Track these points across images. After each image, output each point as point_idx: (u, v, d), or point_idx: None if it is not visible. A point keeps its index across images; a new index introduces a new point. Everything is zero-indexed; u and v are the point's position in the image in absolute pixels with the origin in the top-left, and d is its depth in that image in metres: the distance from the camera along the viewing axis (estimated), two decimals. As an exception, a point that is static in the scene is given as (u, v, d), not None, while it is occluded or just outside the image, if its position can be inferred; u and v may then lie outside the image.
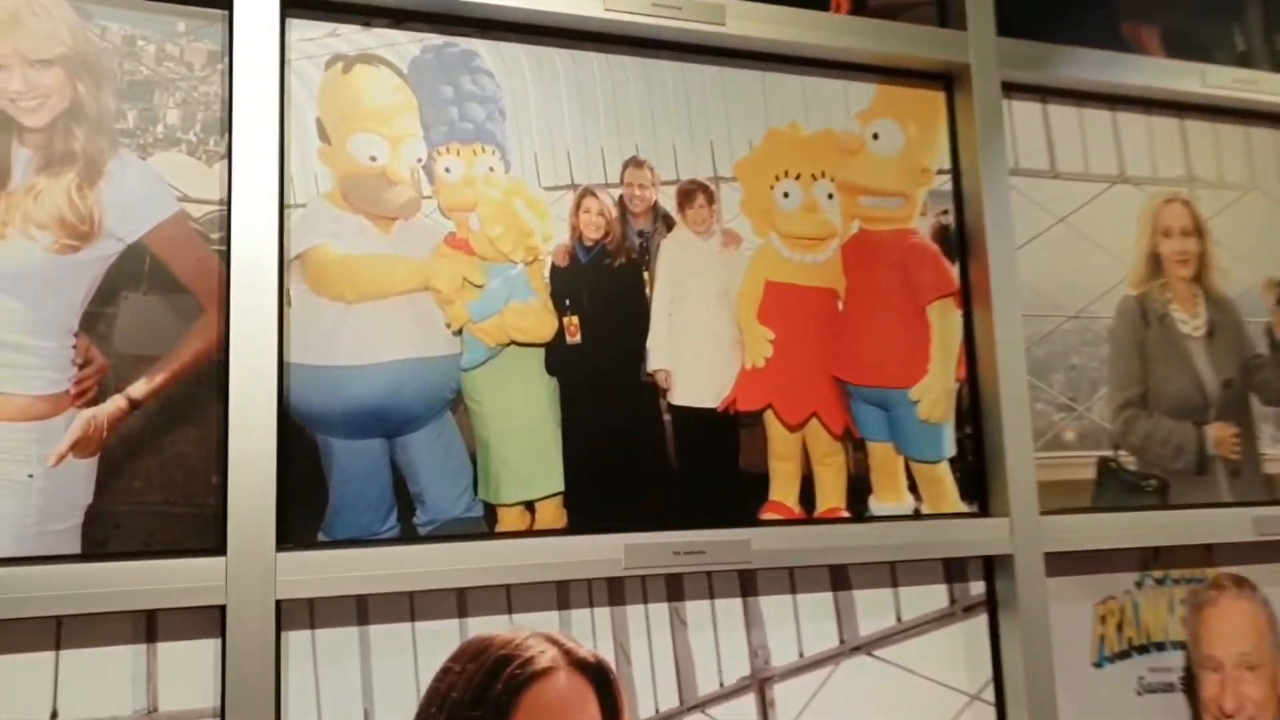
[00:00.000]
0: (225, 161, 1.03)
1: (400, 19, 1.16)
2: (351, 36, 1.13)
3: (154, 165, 1.03)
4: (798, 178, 1.31)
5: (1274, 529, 1.40)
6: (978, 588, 1.29)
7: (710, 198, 1.26)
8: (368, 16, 1.14)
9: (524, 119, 1.18)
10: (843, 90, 1.36)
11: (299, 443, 1.05)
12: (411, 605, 1.07)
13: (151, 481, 0.99)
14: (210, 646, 0.98)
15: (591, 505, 1.14)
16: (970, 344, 1.35)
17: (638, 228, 1.22)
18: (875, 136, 1.37)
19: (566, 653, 1.08)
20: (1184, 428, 1.46)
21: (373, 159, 1.11)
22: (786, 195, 1.30)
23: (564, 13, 1.18)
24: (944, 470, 1.31)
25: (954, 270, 1.36)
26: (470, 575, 1.05)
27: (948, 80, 1.41)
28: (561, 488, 1.13)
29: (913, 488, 1.29)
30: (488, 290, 1.13)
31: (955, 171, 1.39)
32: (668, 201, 1.24)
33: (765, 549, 1.15)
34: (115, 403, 0.99)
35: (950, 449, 1.31)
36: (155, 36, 1.06)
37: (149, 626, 0.99)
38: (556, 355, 1.16)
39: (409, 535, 1.07)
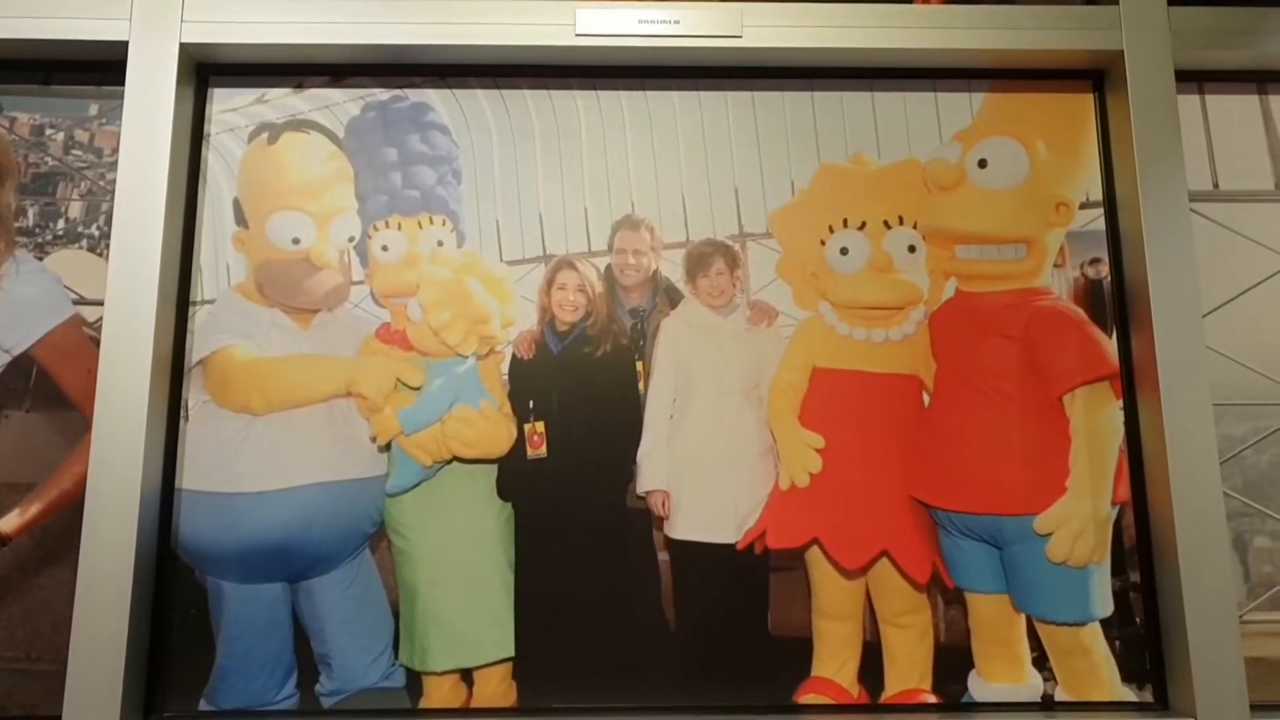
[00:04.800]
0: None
1: (339, 75, 1.01)
2: (281, 101, 1.01)
3: (51, 265, 0.96)
4: (862, 227, 1.01)
5: None
6: (1155, 816, 0.88)
7: (732, 261, 1.00)
8: (300, 76, 0.99)
9: (484, 179, 1.00)
10: (931, 105, 1.03)
11: (183, 587, 0.89)
12: None
13: (14, 633, 0.85)
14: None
15: (551, 677, 0.91)
16: (1135, 451, 0.95)
17: (630, 305, 0.98)
18: (982, 164, 1.04)
19: None
20: None
21: (295, 241, 0.97)
22: (845, 252, 1.01)
23: (534, 45, 0.97)
24: (1093, 637, 0.94)
25: (1109, 345, 0.97)
26: None
27: (1096, 77, 1.03)
28: (510, 653, 0.92)
29: (1040, 663, 0.91)
30: (426, 393, 0.94)
31: (1109, 202, 1.01)
32: (672, 270, 0.97)
33: (789, 749, 0.82)
34: (-20, 539, 0.87)
35: (1103, 607, 0.95)
36: (65, 123, 0.97)
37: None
38: (512, 474, 0.95)
39: (309, 708, 0.88)
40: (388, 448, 0.95)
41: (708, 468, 0.97)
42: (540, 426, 0.98)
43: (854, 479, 0.98)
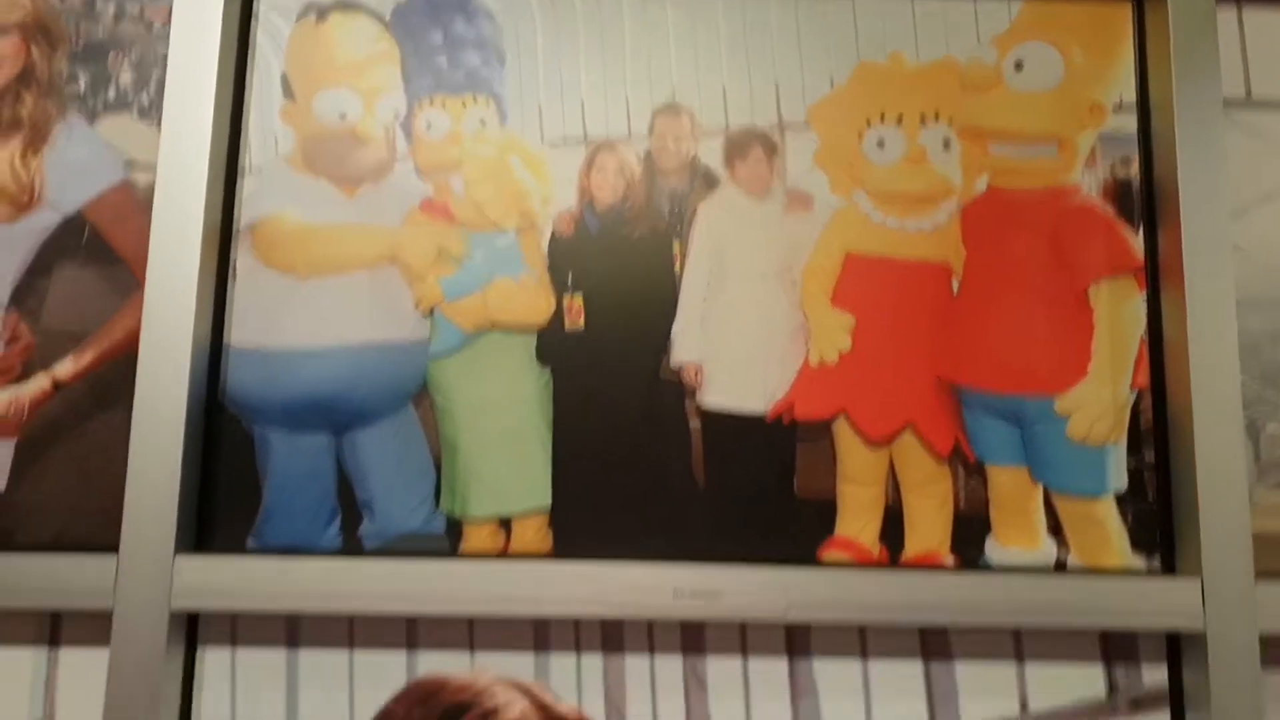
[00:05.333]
0: (164, 122, 1.03)
1: (387, -41, 1.12)
2: (329, -18, 1.10)
3: (102, 130, 1.07)
4: (899, 121, 1.12)
5: None
6: (1155, 676, 1.00)
7: (771, 150, 1.11)
8: (350, -42, 1.11)
9: (528, 62, 1.12)
10: (970, 11, 1.15)
11: (231, 435, 1.02)
12: (351, 631, 1.04)
13: (69, 470, 0.98)
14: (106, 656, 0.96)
15: (585, 528, 1.02)
16: (1156, 341, 1.07)
17: (668, 188, 1.09)
18: (1019, 66, 1.15)
19: (541, 707, 0.98)
20: None
21: (342, 116, 1.08)
22: (881, 144, 1.12)
23: (578, -66, 1.08)
24: (1107, 509, 1.05)
25: (1135, 240, 1.09)
26: (424, 600, 0.99)
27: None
28: (547, 504, 1.02)
29: (1056, 531, 1.02)
30: (468, 263, 1.05)
31: (1142, 106, 1.12)
32: (711, 156, 1.09)
33: (815, 598, 0.95)
34: (39, 383, 0.99)
35: (1118, 481, 1.06)
36: (117, -4, 1.09)
37: (52, 628, 1.03)
38: (552, 343, 1.06)
39: (352, 548, 1.00)
40: (430, 313, 1.07)
41: (740, 343, 1.08)
42: (578, 300, 1.10)
43: (882, 358, 1.09)
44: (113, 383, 1.03)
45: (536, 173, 1.11)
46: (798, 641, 1.03)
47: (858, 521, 1.06)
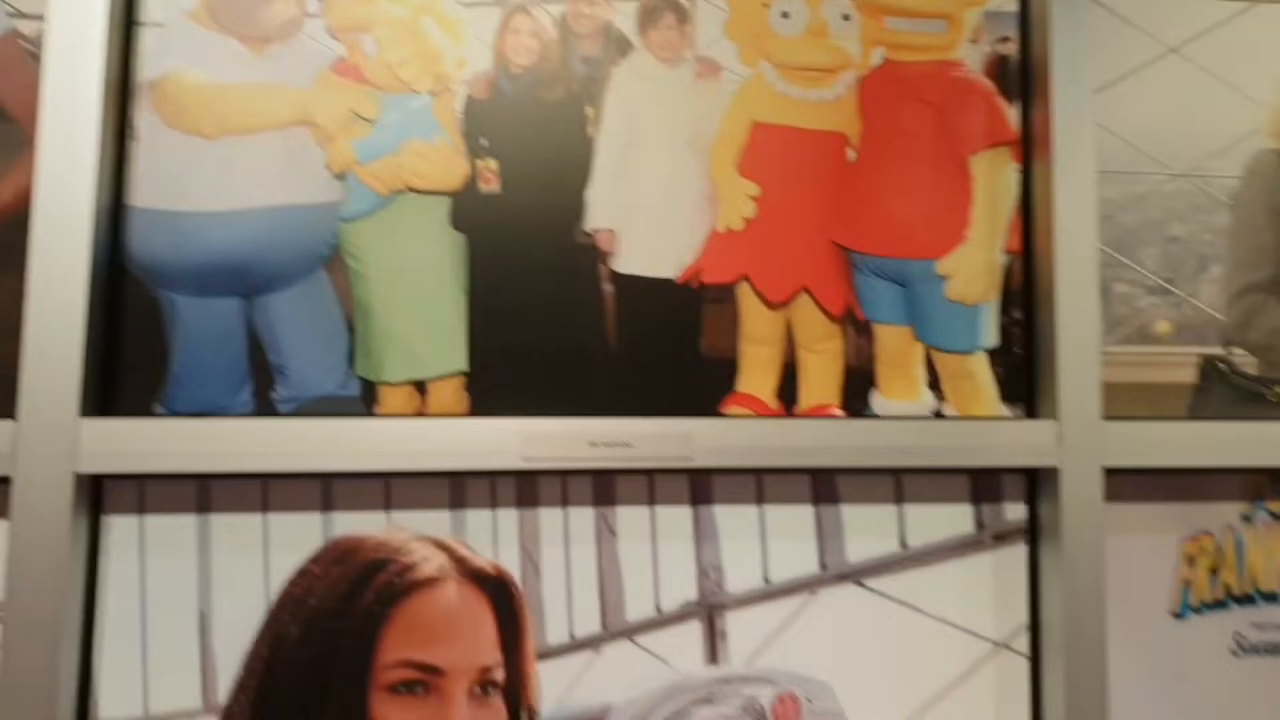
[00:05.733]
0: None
1: None
2: None
3: None
4: None
5: None
6: (1016, 511, 1.11)
7: (682, 16, 1.12)
8: None
9: None
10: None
11: (137, 299, 1.00)
12: (264, 495, 1.05)
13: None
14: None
15: (501, 390, 1.06)
16: (1027, 208, 1.15)
17: (582, 53, 1.09)
18: None
19: (458, 561, 1.01)
20: (1332, 322, 1.22)
21: None
22: (786, 15, 1.15)
23: None
24: (979, 364, 1.14)
25: (1012, 114, 1.16)
26: (340, 458, 1.01)
27: None
28: (464, 367, 1.05)
29: (935, 385, 1.11)
30: (381, 125, 1.05)
31: (1021, -14, 1.18)
32: (625, 22, 1.09)
33: (718, 446, 1.02)
34: (-72, 247, 0.94)
35: (989, 338, 1.15)
36: None
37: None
38: (466, 206, 1.07)
39: (265, 412, 1.02)
40: (342, 176, 1.06)
41: (652, 209, 1.12)
42: (492, 164, 1.10)
43: (783, 224, 1.15)
44: (5, 245, 0.99)
45: (451, 34, 1.09)
46: (700, 491, 1.10)
47: (757, 379, 1.13)
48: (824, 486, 1.13)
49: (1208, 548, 1.21)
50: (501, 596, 1.03)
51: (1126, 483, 1.16)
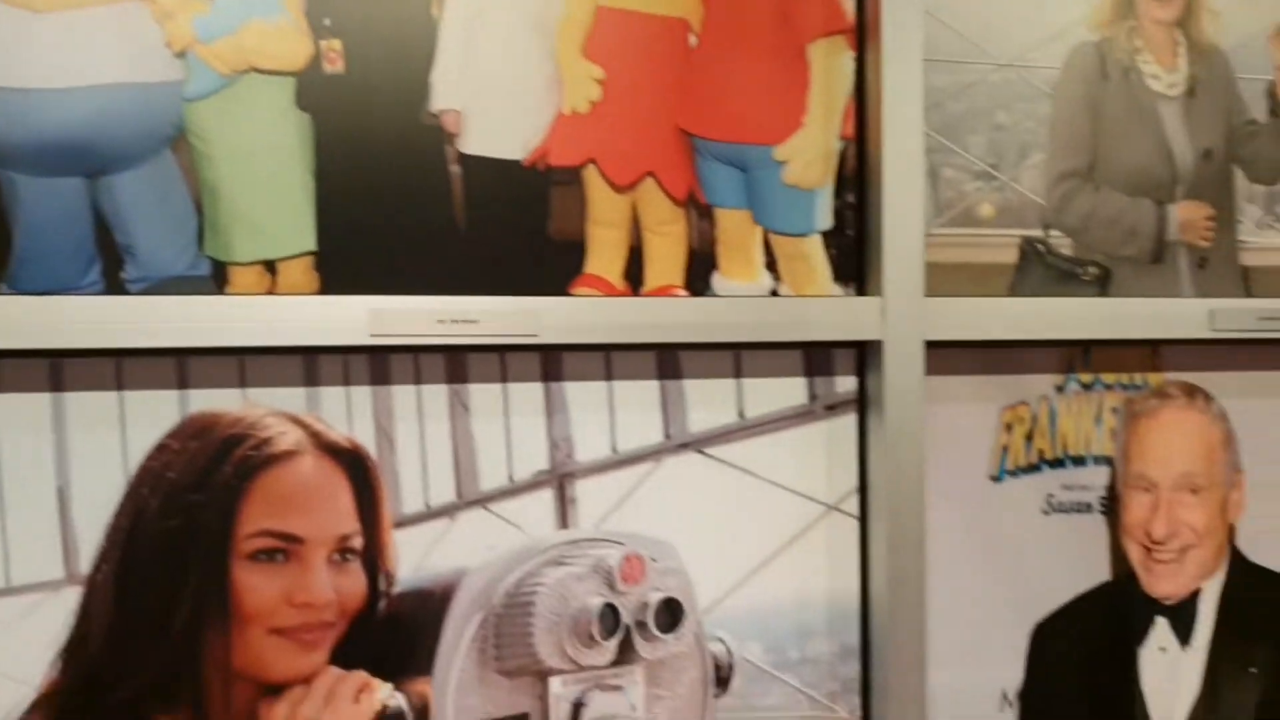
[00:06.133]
0: None
1: None
2: None
3: None
4: None
5: (1235, 325, 1.25)
6: (848, 384, 1.19)
7: None
8: None
9: None
10: None
11: (-28, 180, 0.97)
12: (119, 372, 1.04)
13: None
14: None
15: (351, 269, 1.08)
16: (861, 95, 1.19)
17: None
18: None
19: (314, 435, 1.03)
20: (1141, 206, 1.33)
21: None
22: (630, -103, 1.15)
23: None
24: (813, 246, 1.20)
25: (848, 3, 1.19)
26: (188, 335, 1.02)
27: None
28: (312, 246, 1.06)
29: (772, 266, 1.17)
30: (220, 3, 1.04)
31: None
32: (466, -98, 1.09)
33: (565, 324, 1.06)
34: None
35: (824, 221, 1.21)
36: None
37: None
38: (311, 87, 1.08)
39: (116, 293, 1.00)
40: (183, 55, 1.03)
41: (497, 91, 1.13)
42: (336, 44, 1.09)
43: (628, 108, 1.17)
44: None
45: (287, -90, 1.07)
46: (551, 368, 1.15)
47: (604, 260, 1.17)
48: (668, 363, 1.18)
49: (1024, 416, 1.31)
50: (357, 468, 1.06)
51: (949, 356, 1.25)
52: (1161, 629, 1.32)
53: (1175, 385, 1.34)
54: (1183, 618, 1.32)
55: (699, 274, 1.19)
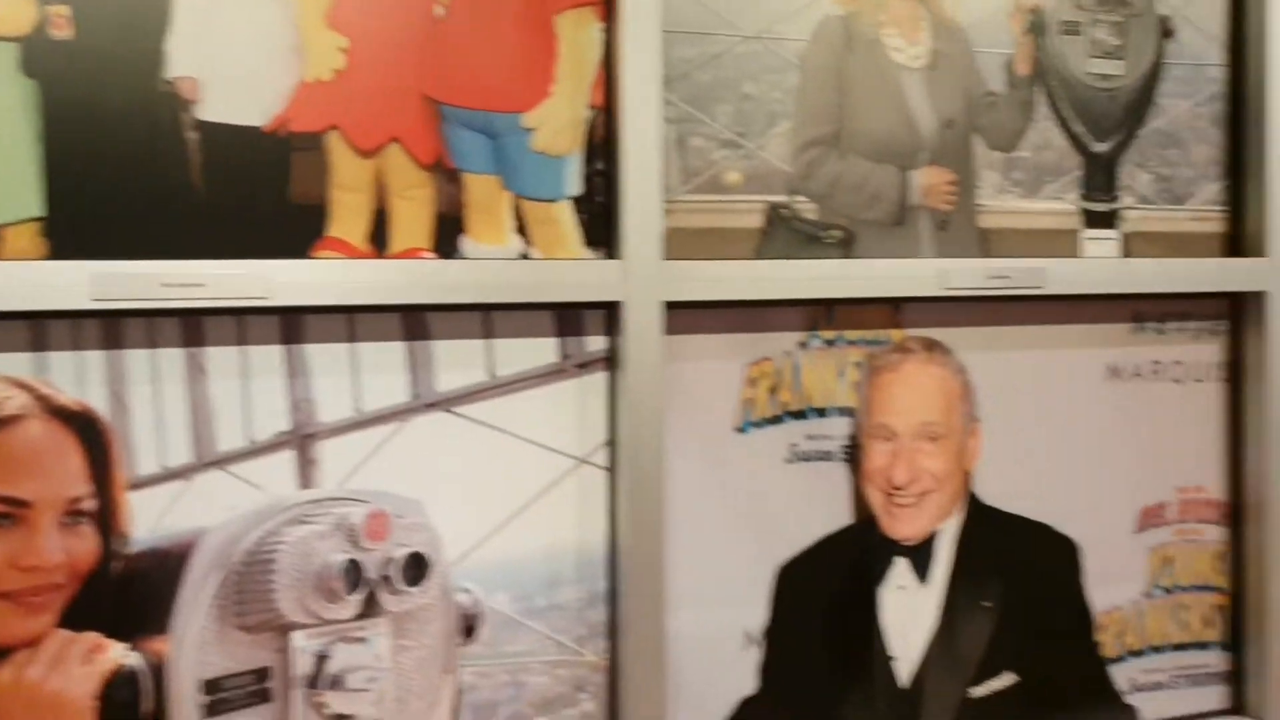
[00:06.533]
0: None
1: None
2: None
3: None
4: None
5: (965, 283, 1.33)
6: (599, 343, 1.23)
7: None
8: None
9: None
10: None
11: None
12: None
13: None
14: None
15: (82, 235, 1.08)
16: (611, 65, 1.23)
17: None
18: None
19: (41, 399, 1.04)
20: (885, 172, 1.39)
21: None
22: None
23: None
24: (563, 211, 1.24)
25: (595, -25, 1.23)
26: None
27: None
28: (40, 213, 1.04)
29: (523, 231, 1.20)
30: (-70, -35, 0.99)
31: None
32: None
33: (300, 286, 1.07)
34: None
35: (573, 187, 1.24)
36: None
37: None
38: (36, 53, 1.08)
39: None
40: (-108, 16, 1.03)
41: (237, 59, 1.12)
42: (63, 9, 1.08)
43: (372, 76, 1.18)
44: None
45: None
46: (291, 331, 1.15)
47: (347, 223, 1.18)
48: (415, 324, 1.20)
49: (768, 370, 1.37)
50: (89, 431, 1.06)
51: (694, 316, 1.30)
52: (901, 568, 1.42)
53: (915, 340, 1.43)
54: (921, 557, 1.42)
55: (447, 238, 1.21)
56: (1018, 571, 1.47)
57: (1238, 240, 1.60)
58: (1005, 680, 1.45)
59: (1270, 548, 1.58)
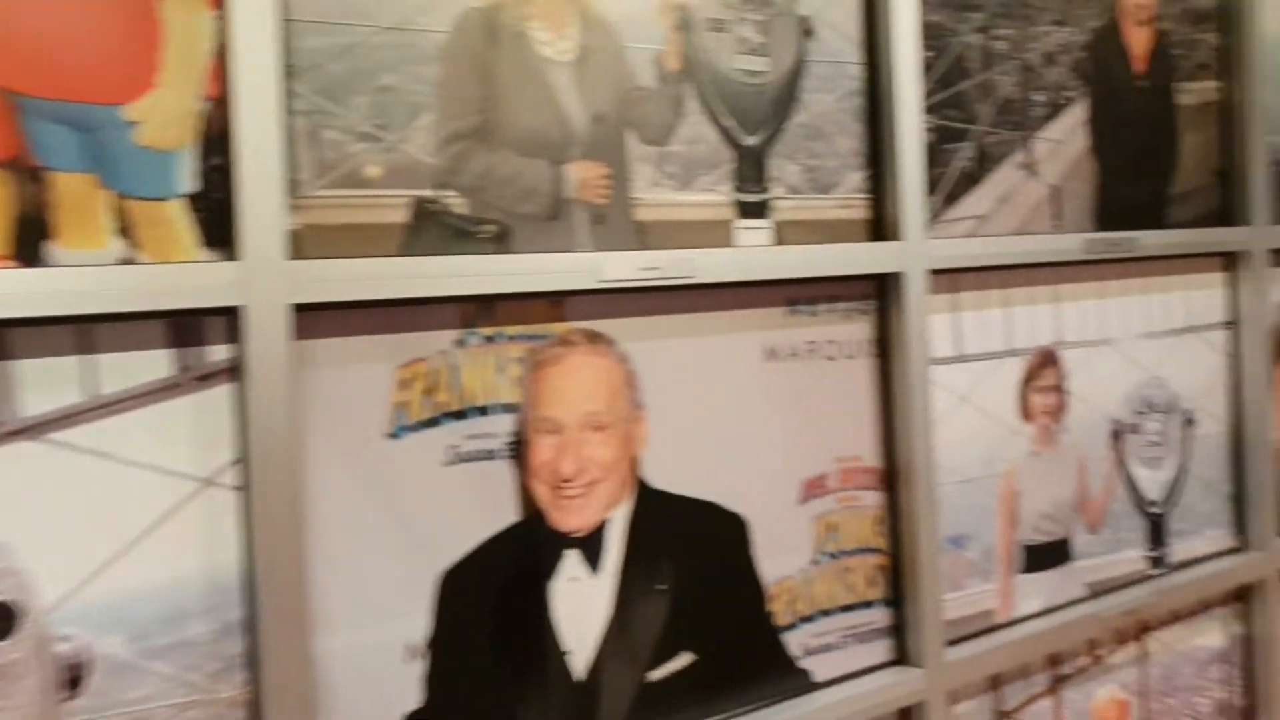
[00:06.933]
0: None
1: None
2: None
3: None
4: None
5: (618, 275, 1.33)
6: (222, 352, 1.13)
7: None
8: None
9: None
10: None
11: None
12: None
13: None
14: None
15: None
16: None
17: None
18: None
19: None
20: (536, 166, 1.37)
21: None
22: None
23: None
24: (175, 211, 1.13)
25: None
26: None
27: None
28: None
29: (127, 233, 1.08)
30: None
31: None
32: None
33: None
34: None
35: (187, 184, 1.13)
36: None
37: None
38: None
39: None
40: None
41: None
42: None
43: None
44: None
45: None
46: None
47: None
48: (-9, 342, 1.07)
49: (422, 371, 1.32)
50: None
51: (332, 318, 1.21)
52: (572, 560, 1.40)
53: (578, 333, 1.41)
54: (592, 548, 1.41)
55: (30, 243, 1.06)
56: (689, 552, 1.49)
57: (879, 225, 1.71)
58: (682, 660, 1.47)
59: (920, 508, 1.70)
